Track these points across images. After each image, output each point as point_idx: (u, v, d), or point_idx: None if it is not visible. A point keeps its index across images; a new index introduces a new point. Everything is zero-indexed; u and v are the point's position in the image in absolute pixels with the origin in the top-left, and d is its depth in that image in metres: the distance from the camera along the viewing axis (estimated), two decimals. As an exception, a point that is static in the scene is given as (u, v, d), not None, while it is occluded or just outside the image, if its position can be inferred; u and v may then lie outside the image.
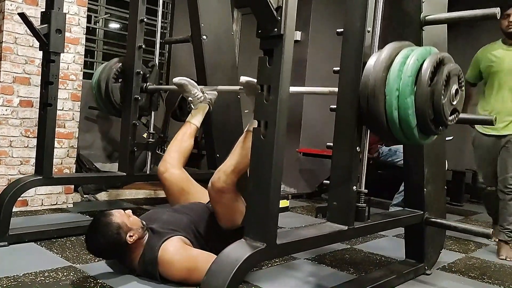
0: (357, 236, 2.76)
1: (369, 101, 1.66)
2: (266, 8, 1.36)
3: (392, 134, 1.71)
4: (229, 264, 1.35)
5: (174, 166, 2.42)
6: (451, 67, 1.71)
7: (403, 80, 1.63)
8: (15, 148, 3.06)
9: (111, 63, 3.08)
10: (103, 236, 1.89)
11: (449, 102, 1.71)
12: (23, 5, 3.01)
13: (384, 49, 1.71)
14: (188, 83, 2.56)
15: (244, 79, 1.96)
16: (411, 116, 1.64)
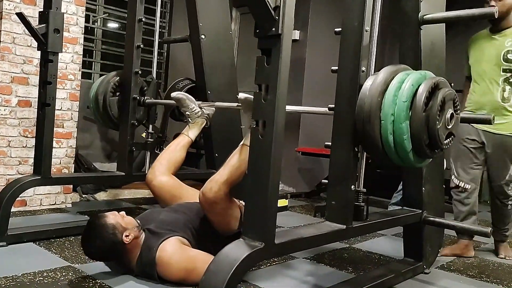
0: (355, 235, 2.76)
1: (365, 125, 1.68)
2: (264, 8, 1.36)
3: (388, 157, 1.72)
4: (227, 263, 1.35)
5: (163, 174, 2.41)
6: (446, 92, 1.72)
7: (398, 105, 1.64)
8: (13, 148, 3.06)
9: (108, 76, 3.09)
10: (99, 238, 1.89)
11: (444, 126, 1.72)
12: (21, 5, 3.01)
13: (379, 73, 1.72)
14: (186, 97, 2.57)
15: (242, 96, 1.97)
16: (406, 141, 1.65)
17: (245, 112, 2.02)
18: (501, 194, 2.73)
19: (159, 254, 1.88)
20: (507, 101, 2.62)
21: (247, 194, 1.47)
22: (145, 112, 3.05)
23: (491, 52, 2.65)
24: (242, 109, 2.09)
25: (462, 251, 2.79)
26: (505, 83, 2.62)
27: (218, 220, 2.03)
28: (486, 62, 2.67)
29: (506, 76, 2.61)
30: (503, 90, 2.62)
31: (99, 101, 3.02)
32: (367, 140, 1.71)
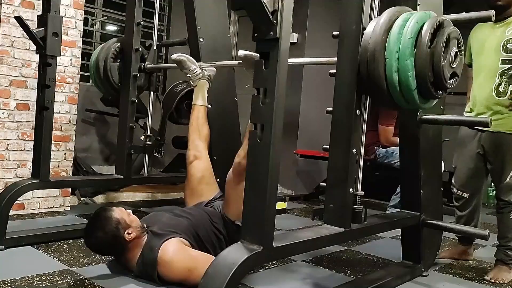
0: (354, 238, 2.76)
1: (369, 65, 1.67)
2: (262, 12, 1.37)
3: (392, 99, 1.72)
4: (226, 267, 1.35)
5: (201, 155, 2.49)
6: (451, 30, 1.72)
7: (403, 42, 1.64)
8: (11, 151, 3.06)
9: (109, 43, 3.08)
10: (101, 230, 1.92)
11: (449, 64, 1.72)
12: (20, 8, 3.01)
13: (383, 14, 1.73)
14: (187, 59, 2.58)
15: (242, 53, 1.97)
16: (411, 79, 1.65)
17: (247, 69, 2.05)
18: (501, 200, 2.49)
19: (160, 253, 1.89)
20: (503, 95, 2.43)
21: (246, 197, 1.47)
22: (146, 79, 3.05)
23: (491, 43, 2.49)
24: (244, 67, 2.10)
25: (461, 256, 2.77)
26: (502, 76, 2.44)
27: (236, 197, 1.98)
28: (486, 54, 2.51)
29: (504, 68, 2.43)
30: (498, 84, 2.44)
31: (100, 67, 3.02)
32: (371, 82, 1.70)
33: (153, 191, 4.11)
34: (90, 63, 3.12)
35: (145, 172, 3.18)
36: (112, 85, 3.03)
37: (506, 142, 2.45)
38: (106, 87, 3.08)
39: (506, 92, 2.42)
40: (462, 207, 2.67)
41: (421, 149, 2.25)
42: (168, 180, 4.23)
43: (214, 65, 2.64)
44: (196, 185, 2.44)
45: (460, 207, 2.68)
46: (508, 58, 2.43)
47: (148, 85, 3.07)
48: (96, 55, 3.07)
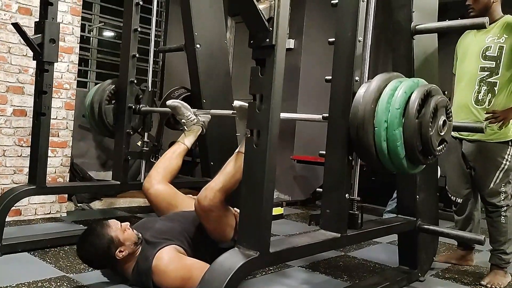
0: (350, 244, 2.77)
1: (359, 132, 1.70)
2: (258, 19, 1.38)
3: (382, 164, 1.74)
4: (222, 273, 1.35)
5: (159, 182, 2.40)
6: (439, 99, 1.74)
7: (392, 112, 1.67)
8: (8, 157, 3.06)
9: (104, 85, 3.10)
10: (93, 247, 1.90)
11: (437, 133, 1.74)
12: (17, 15, 3.02)
13: (373, 81, 1.75)
14: (182, 105, 2.58)
15: (237, 104, 1.98)
16: (399, 148, 1.67)
17: (240, 120, 2.04)
18: (489, 204, 2.51)
19: (155, 262, 1.89)
20: (481, 103, 2.46)
21: (242, 203, 1.48)
22: (141, 120, 3.07)
23: (473, 50, 2.52)
24: (237, 117, 2.10)
25: (459, 261, 2.77)
26: (481, 83, 2.46)
27: (213, 228, 2.03)
28: (468, 61, 2.54)
29: (483, 75, 2.45)
30: (477, 92, 2.47)
31: (95, 109, 3.03)
32: (361, 147, 1.72)
33: (150, 197, 4.10)
34: (85, 105, 3.13)
35: (141, 178, 3.17)
36: (107, 127, 3.05)
37: (485, 150, 2.49)
38: (100, 128, 3.10)
39: (485, 101, 2.46)
40: (458, 212, 2.70)
41: (416, 155, 2.26)
42: (165, 185, 4.22)
43: (208, 112, 2.66)
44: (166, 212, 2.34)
45: (456, 212, 2.72)
46: (486, 65, 2.46)
47: (143, 126, 3.08)
48: (91, 96, 3.08)
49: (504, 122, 2.37)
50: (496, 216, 2.49)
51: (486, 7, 2.45)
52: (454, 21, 2.01)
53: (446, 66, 2.89)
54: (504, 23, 2.43)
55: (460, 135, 2.59)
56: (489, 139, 2.46)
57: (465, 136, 2.56)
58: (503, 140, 2.45)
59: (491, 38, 2.46)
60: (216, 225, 2.02)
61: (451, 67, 2.78)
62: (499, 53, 2.42)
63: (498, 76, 2.43)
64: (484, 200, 2.56)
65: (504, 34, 2.41)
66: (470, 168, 2.60)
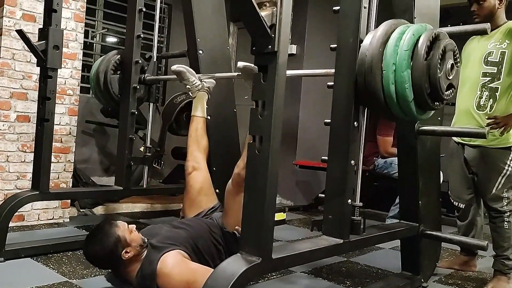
0: (352, 250, 2.76)
1: (366, 77, 1.69)
2: (260, 26, 1.39)
3: (390, 110, 1.73)
4: (225, 278, 1.36)
5: (200, 166, 2.49)
6: (447, 42, 1.74)
7: (400, 54, 1.67)
8: (11, 163, 3.07)
9: (109, 55, 3.11)
10: (100, 245, 1.92)
11: (445, 76, 1.74)
12: (21, 21, 3.04)
13: (380, 27, 1.75)
14: (186, 70, 2.60)
15: (241, 64, 1.99)
16: (407, 90, 1.67)
17: (246, 80, 2.07)
18: (492, 210, 2.50)
19: (160, 266, 1.89)
20: (483, 109, 2.46)
21: (244, 208, 1.48)
22: (146, 91, 3.08)
23: (476, 55, 2.53)
24: (242, 78, 2.11)
25: (462, 267, 2.76)
26: (483, 89, 2.47)
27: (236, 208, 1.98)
28: (471, 66, 2.55)
29: (485, 81, 2.46)
30: (479, 97, 2.47)
31: (100, 79, 3.04)
32: (368, 93, 1.71)
33: (153, 202, 4.11)
34: (91, 75, 3.15)
35: (144, 183, 3.18)
36: (112, 97, 3.06)
37: (487, 156, 2.49)
38: (106, 99, 3.11)
39: (486, 106, 2.46)
40: (461, 217, 2.70)
41: (419, 160, 2.26)
42: (168, 191, 4.24)
43: (213, 76, 2.66)
44: (195, 196, 2.45)
45: (459, 217, 2.71)
46: (488, 71, 2.47)
47: (148, 97, 3.09)
48: (96, 67, 3.10)
49: (505, 128, 2.37)
50: (499, 221, 2.48)
51: (491, 13, 2.46)
52: (455, 27, 2.01)
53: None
54: (506, 29, 2.44)
55: (462, 141, 2.59)
56: (491, 145, 2.46)
57: (467, 141, 2.56)
58: (505, 146, 2.45)
59: (494, 43, 2.47)
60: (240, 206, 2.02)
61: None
62: (500, 59, 2.43)
63: (500, 81, 2.43)
64: (486, 205, 2.56)
65: (506, 39, 2.42)
66: (472, 173, 2.60)
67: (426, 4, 2.22)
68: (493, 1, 2.45)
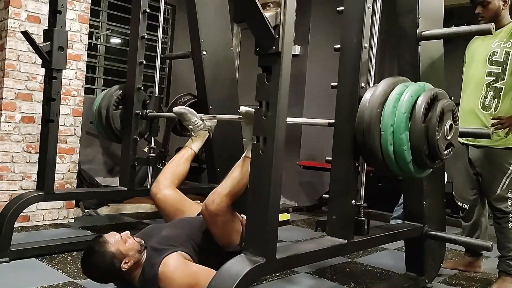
0: (357, 250, 2.76)
1: (365, 136, 1.71)
2: (264, 26, 1.39)
3: (388, 168, 1.74)
4: (229, 279, 1.36)
5: (167, 187, 2.40)
6: (445, 103, 1.74)
7: (398, 116, 1.67)
8: (16, 164, 3.08)
9: (111, 90, 3.14)
10: (97, 267, 1.88)
11: (444, 137, 1.74)
12: (26, 23, 3.06)
13: (379, 85, 1.75)
14: (188, 112, 2.60)
15: (243, 109, 1.99)
16: (406, 152, 1.67)
17: (247, 125, 2.04)
18: (496, 210, 2.49)
19: (161, 269, 1.89)
20: (488, 109, 2.46)
21: (248, 209, 1.48)
22: (148, 125, 3.09)
23: (480, 55, 2.52)
24: (243, 122, 2.11)
25: (467, 268, 2.75)
26: (487, 88, 2.46)
27: (219, 233, 2.03)
28: (475, 66, 2.54)
29: (490, 80, 2.45)
30: (484, 97, 2.47)
31: (102, 115, 3.07)
32: (367, 151, 1.72)
33: (157, 203, 4.12)
34: (93, 110, 3.18)
35: (148, 184, 3.19)
36: (114, 132, 3.09)
37: (492, 156, 2.48)
38: (108, 134, 3.14)
39: (491, 106, 2.46)
40: (465, 218, 2.69)
41: (423, 161, 2.25)
42: (172, 191, 4.24)
43: (215, 117, 2.68)
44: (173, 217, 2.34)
45: (463, 218, 2.70)
46: (493, 70, 2.46)
47: (150, 131, 3.10)
48: (98, 102, 3.13)
49: (510, 129, 2.36)
50: (504, 222, 2.47)
51: (496, 14, 2.46)
52: (459, 27, 2.01)
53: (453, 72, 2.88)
54: (511, 28, 2.43)
55: (466, 141, 2.58)
56: (495, 145, 2.45)
57: (472, 142, 2.56)
58: (510, 146, 2.43)
59: (498, 43, 2.46)
60: (222, 230, 2.02)
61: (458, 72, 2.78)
62: (505, 58, 2.42)
63: (504, 81, 2.42)
64: (491, 206, 2.55)
65: (511, 39, 2.41)
66: (476, 174, 2.59)
67: (430, 5, 2.22)
68: (497, 3, 2.45)
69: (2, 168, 3.03)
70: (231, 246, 2.05)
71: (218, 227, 2.00)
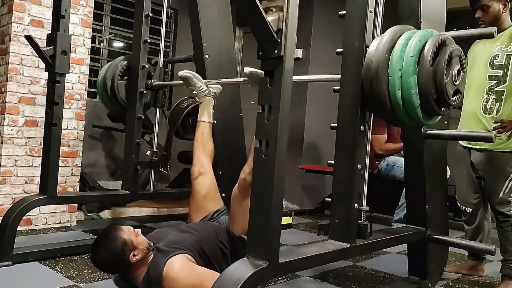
0: (359, 254, 2.76)
1: (372, 83, 1.69)
2: (267, 30, 1.39)
3: (396, 116, 1.73)
4: (231, 282, 1.36)
5: (206, 171, 2.51)
6: (453, 48, 1.73)
7: (406, 60, 1.66)
8: (19, 167, 3.09)
9: (116, 61, 3.13)
10: (107, 249, 1.93)
11: (452, 82, 1.73)
12: (29, 27, 3.08)
13: (386, 33, 1.75)
14: (193, 76, 2.62)
15: (247, 70, 1.99)
16: (414, 96, 1.66)
17: (252, 86, 2.06)
18: (499, 214, 2.49)
19: (166, 270, 1.90)
20: (489, 112, 2.47)
21: (251, 212, 1.48)
22: (153, 96, 3.09)
23: (481, 58, 2.53)
24: (249, 84, 2.11)
25: (470, 272, 2.74)
26: (489, 92, 2.47)
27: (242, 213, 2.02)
28: (476, 70, 2.55)
29: (491, 84, 2.47)
30: (486, 101, 2.48)
31: (107, 85, 3.06)
32: (375, 99, 1.71)
33: (159, 206, 4.13)
34: (98, 81, 3.17)
35: (151, 187, 3.19)
36: (119, 102, 3.08)
37: (494, 159, 2.48)
38: (113, 104, 3.13)
39: (493, 109, 2.46)
40: (468, 222, 2.68)
41: (425, 164, 2.25)
42: (174, 195, 4.25)
43: (219, 82, 2.68)
44: (201, 201, 2.46)
45: (466, 222, 2.70)
46: (494, 74, 2.46)
47: (154, 102, 3.11)
48: (103, 73, 3.12)
49: None
50: (506, 225, 2.47)
51: (496, 18, 2.46)
52: (462, 31, 2.00)
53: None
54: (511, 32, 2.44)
55: (469, 145, 2.58)
56: (497, 148, 2.45)
57: (474, 145, 2.55)
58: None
59: (499, 46, 2.47)
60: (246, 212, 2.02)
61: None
62: (506, 62, 2.42)
63: (506, 85, 2.43)
64: (494, 209, 2.54)
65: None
66: (479, 177, 2.59)
67: (432, 8, 2.22)
68: (497, 7, 2.46)
69: (5, 171, 3.03)
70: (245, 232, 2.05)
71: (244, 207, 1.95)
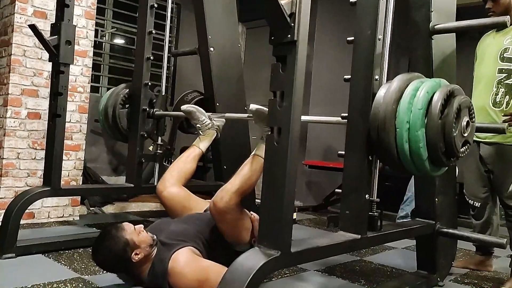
0: (370, 246, 2.72)
1: (380, 133, 1.67)
2: (280, 14, 1.36)
3: (403, 166, 1.70)
4: (243, 272, 1.33)
5: (173, 185, 2.38)
6: (462, 99, 1.71)
7: (414, 112, 1.63)
8: (22, 160, 3.06)
9: (118, 89, 3.09)
10: (109, 250, 1.88)
11: (460, 134, 1.71)
12: (32, 18, 3.04)
13: (393, 81, 1.72)
14: (196, 110, 2.57)
15: (253, 107, 1.96)
16: (422, 149, 1.64)
17: (256, 123, 2.02)
18: (508, 208, 2.46)
19: (171, 264, 1.86)
20: (499, 106, 2.44)
21: (262, 202, 1.45)
22: (154, 124, 3.05)
23: (491, 52, 2.50)
24: (253, 120, 2.08)
25: (478, 267, 2.71)
26: (499, 85, 2.44)
27: (228, 230, 2.01)
28: (486, 63, 2.52)
29: (501, 77, 2.43)
30: (495, 94, 2.45)
31: (109, 113, 3.02)
32: (381, 148, 1.69)
33: (162, 201, 4.09)
34: (99, 109, 3.12)
35: (155, 181, 3.16)
36: (120, 131, 3.03)
37: (504, 153, 2.45)
38: (114, 132, 3.07)
39: (502, 103, 2.44)
40: (476, 216, 2.66)
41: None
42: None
43: (223, 116, 2.65)
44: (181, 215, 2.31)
45: (475, 216, 2.67)
46: (504, 67, 2.44)
47: (156, 131, 3.05)
48: (104, 101, 3.06)
49: None
50: None
51: (507, 9, 2.43)
52: (473, 20, 1.97)
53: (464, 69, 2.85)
54: None
55: (477, 138, 2.54)
56: (507, 141, 2.42)
57: (483, 138, 2.52)
58: None
59: (510, 39, 2.44)
60: (232, 228, 2.00)
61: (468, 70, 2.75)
62: None
63: None
64: (503, 203, 2.51)
65: None
66: (488, 171, 2.56)
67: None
68: None
69: (8, 164, 3.00)
70: (240, 244, 2.02)
71: (227, 225, 1.98)
